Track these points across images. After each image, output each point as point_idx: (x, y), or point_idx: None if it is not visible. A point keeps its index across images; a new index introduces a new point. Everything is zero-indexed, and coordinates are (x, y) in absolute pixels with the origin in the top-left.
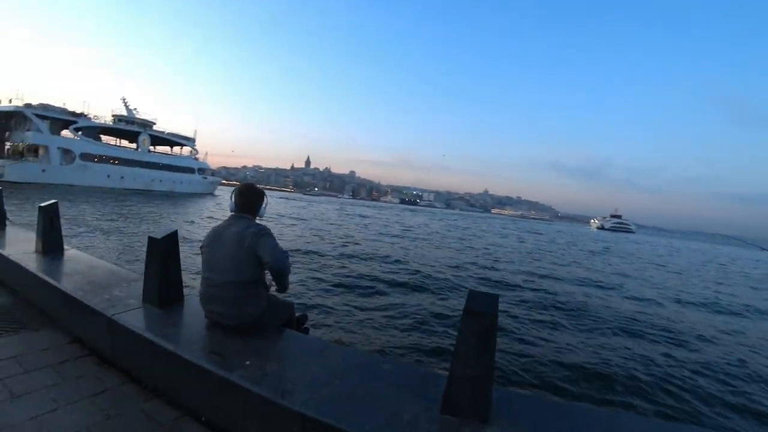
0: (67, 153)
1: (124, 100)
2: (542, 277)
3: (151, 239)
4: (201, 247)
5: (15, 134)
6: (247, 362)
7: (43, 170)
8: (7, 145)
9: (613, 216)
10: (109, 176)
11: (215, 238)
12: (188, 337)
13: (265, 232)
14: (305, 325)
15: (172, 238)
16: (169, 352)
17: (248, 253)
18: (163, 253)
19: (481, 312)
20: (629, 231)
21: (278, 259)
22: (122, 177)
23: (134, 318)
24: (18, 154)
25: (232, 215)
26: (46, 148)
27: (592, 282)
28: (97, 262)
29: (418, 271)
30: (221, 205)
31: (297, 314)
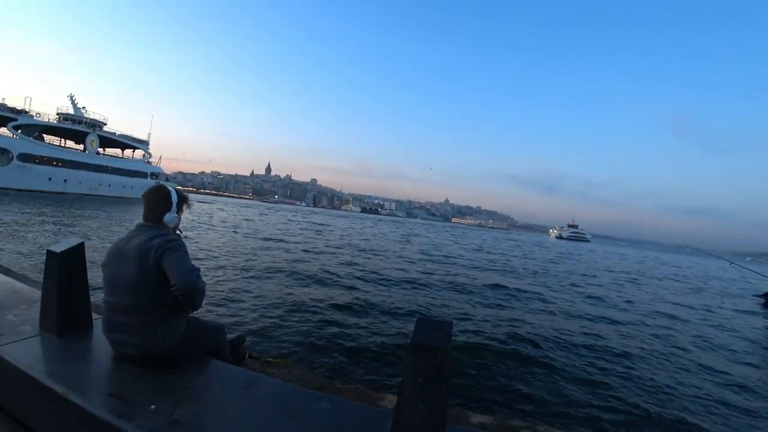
0: (3, 153)
1: (71, 97)
2: (514, 289)
3: (49, 253)
4: (101, 265)
5: None
6: (153, 406)
7: None
8: None
9: (570, 226)
10: (50, 179)
11: (116, 253)
12: (86, 374)
13: (171, 245)
14: (241, 349)
15: (77, 252)
16: (57, 394)
17: (154, 270)
18: (65, 269)
19: (430, 348)
20: (585, 240)
21: (185, 279)
22: (65, 180)
23: (23, 350)
24: None
25: (136, 225)
26: None
27: (558, 294)
28: None
29: (377, 286)
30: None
31: (231, 336)
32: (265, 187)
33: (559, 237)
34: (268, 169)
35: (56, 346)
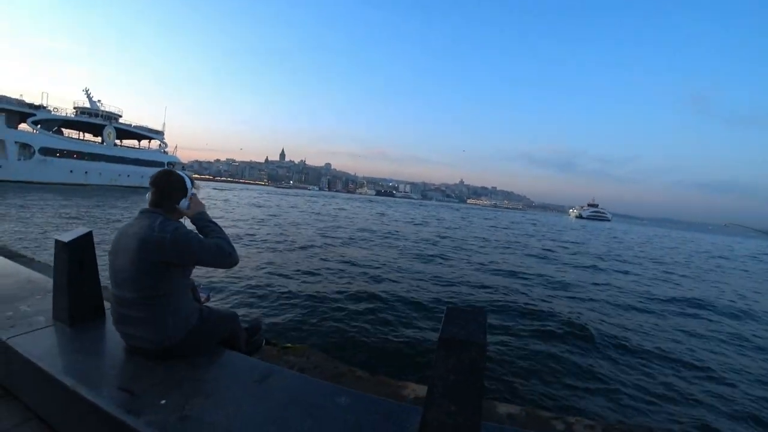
0: (25, 148)
1: (86, 91)
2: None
3: (57, 243)
4: (108, 253)
5: None
6: (163, 401)
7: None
8: None
9: (590, 205)
10: (72, 171)
11: (118, 242)
12: (96, 366)
13: (176, 234)
14: (257, 336)
15: (85, 241)
16: (66, 387)
17: (155, 261)
18: (73, 259)
19: (462, 341)
20: (606, 219)
21: (222, 264)
22: (86, 172)
23: (35, 341)
24: None
25: (140, 211)
26: (2, 142)
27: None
28: (14, 268)
29: (400, 273)
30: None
31: (246, 324)
32: (279, 173)
33: (579, 217)
34: (282, 155)
35: (68, 336)
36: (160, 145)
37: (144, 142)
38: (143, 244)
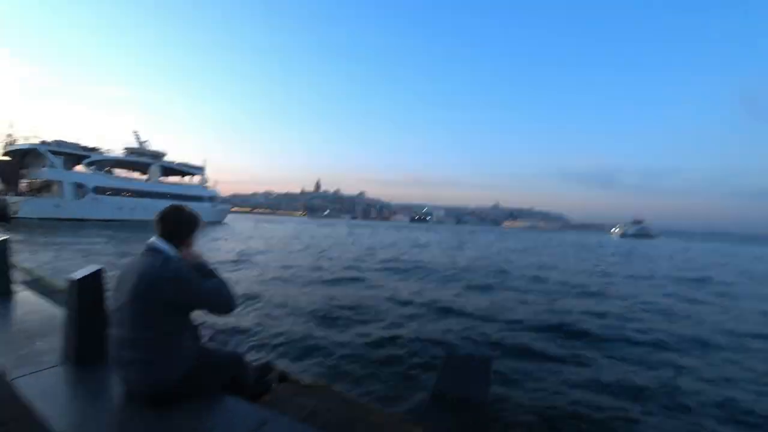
0: (79, 187)
1: (135, 133)
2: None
3: (69, 281)
4: (112, 291)
5: (32, 171)
6: None
7: (56, 205)
8: (24, 182)
9: (635, 222)
10: (120, 208)
11: (120, 279)
12: (90, 413)
13: (177, 273)
14: (270, 375)
15: (95, 279)
16: None
17: (155, 300)
18: (82, 296)
19: (459, 399)
20: (652, 236)
21: (211, 301)
22: (133, 208)
23: (38, 382)
24: (35, 191)
25: (146, 246)
26: (60, 183)
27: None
28: (41, 305)
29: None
30: (229, 231)
31: (257, 363)
32: (315, 203)
33: (624, 235)
34: (318, 185)
35: (72, 378)
36: (201, 180)
37: (186, 178)
38: (142, 280)
